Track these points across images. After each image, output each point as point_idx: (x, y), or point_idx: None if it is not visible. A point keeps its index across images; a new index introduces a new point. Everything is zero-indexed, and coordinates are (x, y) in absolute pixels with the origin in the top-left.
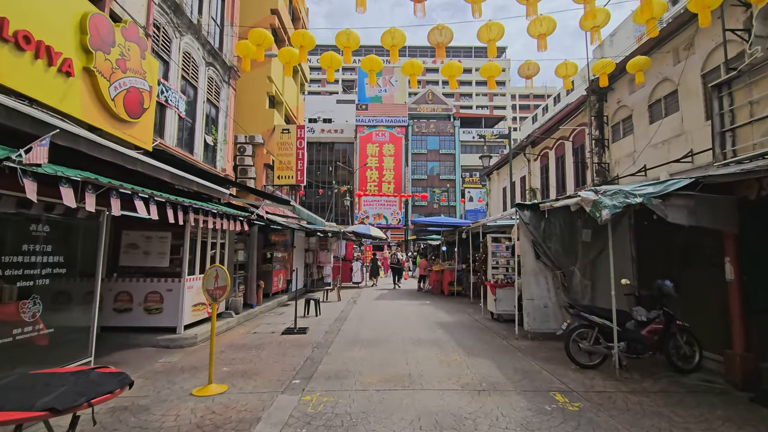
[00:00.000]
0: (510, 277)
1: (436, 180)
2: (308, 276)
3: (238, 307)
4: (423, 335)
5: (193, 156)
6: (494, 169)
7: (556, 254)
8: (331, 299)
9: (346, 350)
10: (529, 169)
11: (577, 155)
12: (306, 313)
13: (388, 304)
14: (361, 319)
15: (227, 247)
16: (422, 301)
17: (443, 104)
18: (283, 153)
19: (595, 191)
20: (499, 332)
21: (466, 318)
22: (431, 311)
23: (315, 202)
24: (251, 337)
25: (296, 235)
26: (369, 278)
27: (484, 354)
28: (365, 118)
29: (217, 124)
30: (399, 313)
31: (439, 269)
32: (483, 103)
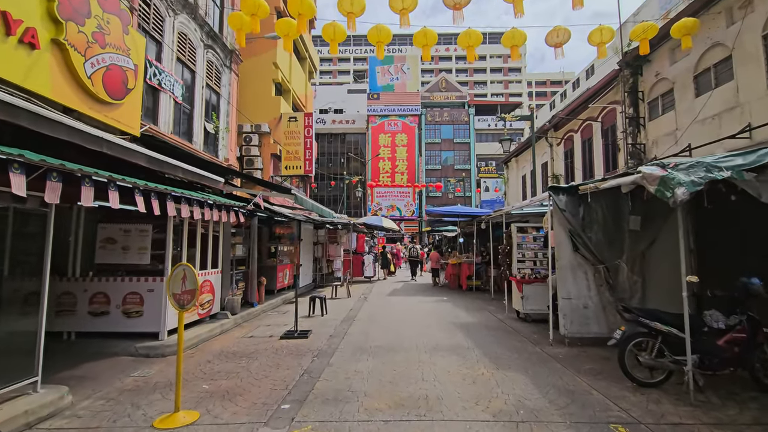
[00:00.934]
0: (538, 272)
1: (450, 170)
2: (317, 271)
3: (235, 307)
4: (441, 340)
5: (192, 144)
6: (512, 157)
7: (597, 246)
8: (340, 295)
9: (350, 360)
10: (552, 154)
11: (607, 137)
12: (311, 313)
13: (402, 301)
14: (370, 319)
15: (222, 241)
16: (439, 297)
17: (457, 92)
18: (290, 142)
19: (662, 165)
20: (528, 336)
21: (488, 318)
22: (449, 309)
23: (327, 195)
24: (246, 342)
25: (303, 228)
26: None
27: (515, 366)
28: (377, 108)
29: (219, 112)
30: (413, 312)
31: (456, 262)
32: (498, 90)
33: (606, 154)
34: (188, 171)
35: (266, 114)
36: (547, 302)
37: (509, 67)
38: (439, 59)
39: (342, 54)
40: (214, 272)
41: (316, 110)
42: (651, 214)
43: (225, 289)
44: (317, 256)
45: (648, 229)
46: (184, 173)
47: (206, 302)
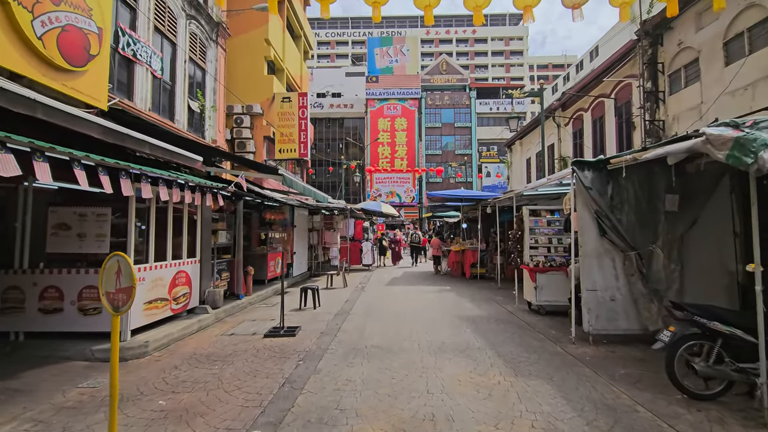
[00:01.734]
0: (552, 259)
1: (451, 155)
2: (313, 259)
3: (216, 300)
4: (447, 337)
5: (174, 124)
6: (516, 139)
7: (628, 229)
8: (336, 285)
9: (342, 365)
10: (559, 135)
11: (621, 114)
12: (302, 305)
13: (402, 291)
14: (368, 312)
15: (201, 227)
16: (441, 286)
17: (458, 74)
18: (284, 124)
19: (734, 125)
20: (545, 332)
21: (497, 310)
22: (454, 300)
23: (325, 181)
24: (224, 341)
25: (297, 214)
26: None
27: (536, 371)
28: (376, 91)
29: (204, 89)
30: (414, 304)
31: (459, 249)
32: (499, 74)
33: (619, 133)
34: (157, 147)
35: (258, 94)
36: (564, 293)
37: (511, 49)
38: (440, 42)
39: (340, 37)
40: (191, 262)
41: (313, 94)
42: (691, 192)
43: (205, 281)
44: (313, 243)
45: (688, 210)
46: (152, 149)
47: (181, 296)
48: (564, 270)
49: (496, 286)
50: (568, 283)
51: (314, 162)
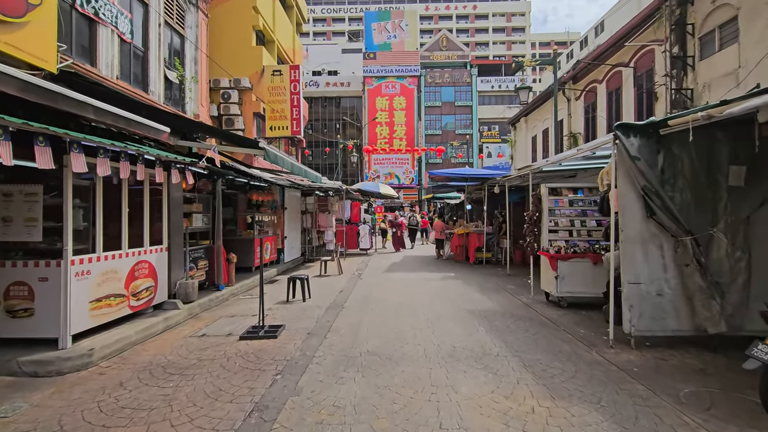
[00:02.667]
0: (575, 245)
1: (451, 135)
2: (307, 243)
3: (190, 293)
4: (458, 339)
5: (148, 95)
6: (522, 116)
7: (683, 208)
8: (330, 272)
9: (329, 381)
10: (569, 110)
11: (641, 85)
12: (291, 297)
13: (403, 279)
14: (364, 305)
15: (168, 210)
16: (445, 272)
17: (459, 50)
18: (275, 99)
19: None
20: (573, 331)
21: (511, 302)
22: (460, 289)
23: (322, 163)
24: (192, 344)
25: (288, 195)
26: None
27: (576, 390)
28: (373, 68)
29: (184, 58)
30: (417, 294)
31: (463, 232)
32: (500, 51)
33: (639, 106)
34: (105, 112)
35: (246, 67)
36: (589, 284)
37: (513, 26)
38: (439, 18)
39: (336, 14)
40: (156, 250)
41: (308, 72)
42: (763, 163)
43: (176, 271)
44: (306, 226)
45: (757, 185)
46: (98, 114)
47: (144, 290)
48: (589, 257)
49: (504, 273)
50: (594, 272)
51: (310, 143)
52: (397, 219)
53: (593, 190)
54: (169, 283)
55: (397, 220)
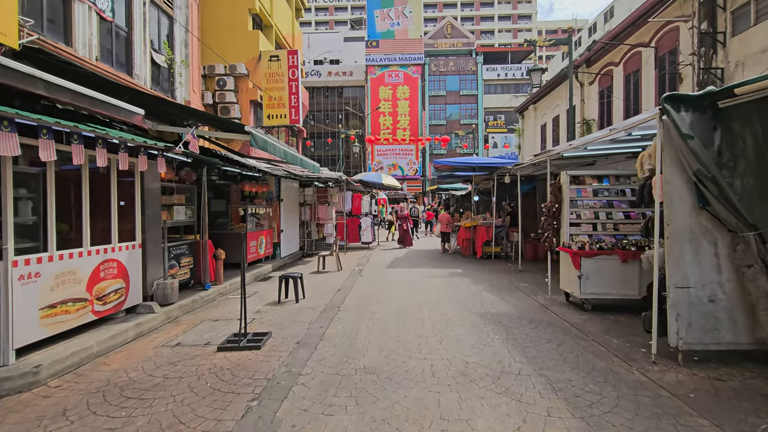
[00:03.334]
0: (599, 239)
1: (456, 125)
2: (306, 237)
3: (168, 295)
4: (470, 352)
5: (133, 78)
6: (530, 104)
7: (744, 197)
8: (329, 268)
9: (315, 412)
10: (582, 95)
11: (663, 66)
12: (283, 297)
13: (406, 276)
14: (363, 307)
15: (141, 201)
16: (451, 268)
17: (464, 38)
18: (272, 86)
19: None
20: (604, 341)
21: (527, 303)
22: (469, 288)
23: (324, 154)
24: (163, 356)
25: (285, 186)
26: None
27: (622, 426)
28: (376, 57)
29: (173, 41)
30: (421, 294)
31: (470, 225)
32: (506, 39)
33: (660, 89)
34: (59, 88)
35: (242, 52)
36: (617, 284)
37: (519, 13)
38: (443, 6)
39: (338, 2)
40: (126, 247)
41: (310, 61)
42: None
43: (153, 270)
44: (305, 219)
45: None
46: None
47: (111, 292)
48: (617, 253)
49: (515, 269)
50: (622, 271)
51: (312, 134)
52: (403, 211)
53: (620, 178)
54: (144, 283)
55: (402, 212)
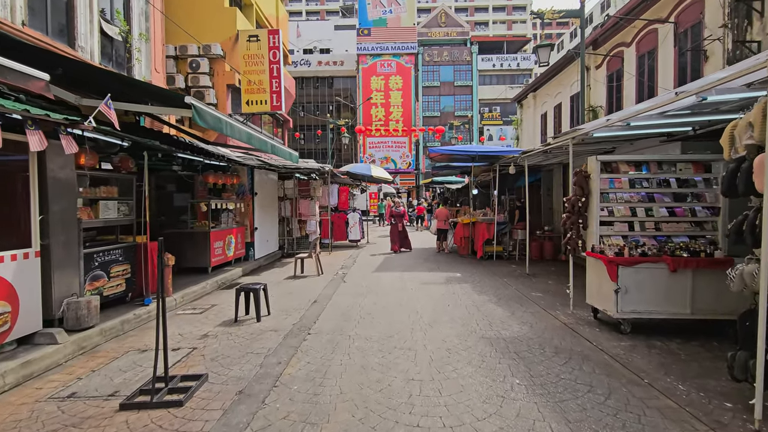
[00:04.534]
0: (638, 243)
1: (450, 117)
2: (286, 234)
3: (83, 317)
4: (481, 409)
5: (76, 50)
6: (529, 92)
7: None
8: (308, 272)
9: None
10: (588, 80)
11: (684, 43)
12: (245, 313)
13: (397, 282)
14: (340, 329)
15: (37, 194)
16: (449, 271)
17: (459, 26)
18: (251, 69)
19: None
20: (668, 388)
21: (545, 320)
22: (472, 298)
23: (315, 147)
24: (40, 419)
25: (260, 177)
26: None
27: None
28: (368, 46)
29: (129, 11)
30: (414, 308)
31: (468, 222)
32: (501, 31)
33: (680, 69)
34: None
35: (218, 31)
36: (663, 301)
37: (513, 5)
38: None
39: None
40: (14, 257)
41: (299, 49)
42: None
43: (62, 285)
44: (285, 215)
45: None
46: None
47: None
48: (666, 261)
49: (521, 272)
50: (671, 283)
51: (302, 126)
52: (399, 207)
53: (663, 164)
54: (46, 304)
55: (398, 208)
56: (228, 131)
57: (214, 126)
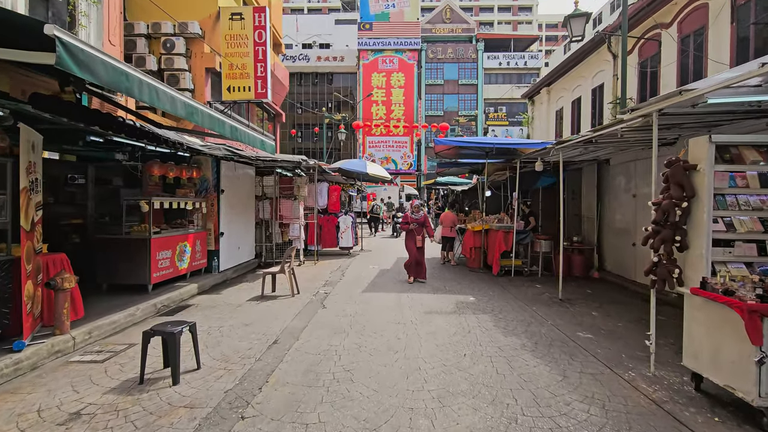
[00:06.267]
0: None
1: (454, 116)
2: (265, 240)
3: None
4: None
5: None
6: (542, 86)
7: None
8: (281, 290)
9: None
10: (614, 70)
11: (745, 17)
12: (161, 364)
13: (391, 309)
14: (294, 410)
15: None
16: (458, 293)
17: (464, 23)
18: (234, 52)
19: None
20: None
21: (619, 394)
22: (496, 344)
23: (312, 146)
24: None
25: (227, 171)
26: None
27: None
28: (369, 41)
29: None
30: (416, 364)
31: (480, 229)
32: (506, 32)
33: (740, 47)
34: None
35: (197, 8)
36: None
37: (519, 5)
38: None
39: None
40: None
41: (298, 44)
42: None
43: None
44: (263, 217)
45: None
46: None
47: None
48: None
49: (553, 296)
50: None
51: (300, 124)
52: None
53: None
54: None
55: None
56: (138, 92)
57: (109, 80)
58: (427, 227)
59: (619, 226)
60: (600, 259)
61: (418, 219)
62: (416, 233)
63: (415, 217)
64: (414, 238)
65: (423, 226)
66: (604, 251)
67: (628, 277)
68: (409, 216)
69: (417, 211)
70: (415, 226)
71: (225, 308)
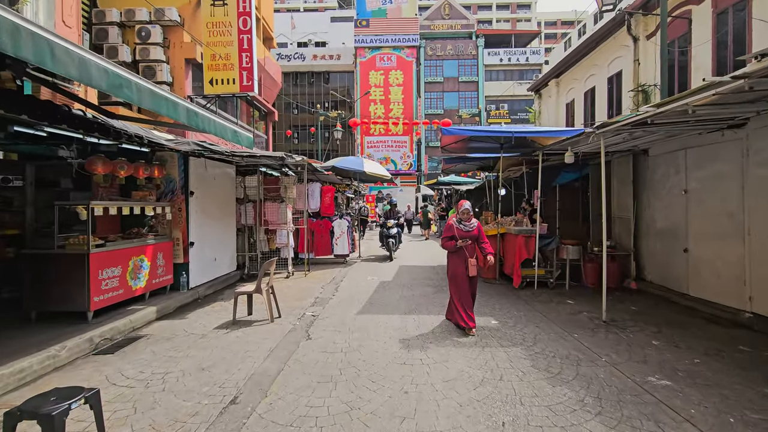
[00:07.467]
0: None
1: (454, 115)
2: (248, 249)
3: None
4: None
5: None
6: (551, 78)
7: None
8: (258, 314)
9: None
10: (636, 55)
11: None
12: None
13: (394, 341)
14: None
15: None
16: (476, 315)
17: (463, 19)
18: (216, 41)
19: None
20: None
21: None
22: (547, 408)
23: (309, 148)
24: None
25: (196, 170)
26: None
27: None
28: (366, 38)
29: None
30: None
31: (495, 233)
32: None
33: None
34: None
35: None
36: None
37: (518, 2)
38: None
39: None
40: None
41: (293, 43)
42: None
43: None
44: (246, 223)
45: None
46: None
47: None
48: None
49: (593, 316)
50: None
51: (296, 125)
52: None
53: None
54: None
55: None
56: (85, 77)
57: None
58: (485, 244)
59: (664, 228)
60: (638, 266)
61: (470, 232)
62: (467, 253)
63: (466, 229)
64: (465, 261)
65: (477, 241)
66: (643, 258)
67: (677, 290)
68: (455, 227)
69: (468, 218)
70: (466, 242)
71: (184, 340)
